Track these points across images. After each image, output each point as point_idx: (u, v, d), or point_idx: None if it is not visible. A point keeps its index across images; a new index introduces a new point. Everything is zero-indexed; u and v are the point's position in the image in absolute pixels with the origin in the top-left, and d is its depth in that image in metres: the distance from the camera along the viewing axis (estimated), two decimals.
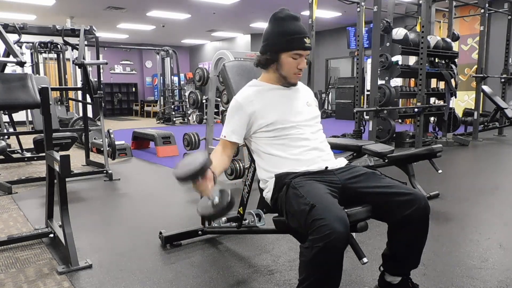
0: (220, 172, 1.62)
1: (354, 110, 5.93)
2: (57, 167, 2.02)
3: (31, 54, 7.29)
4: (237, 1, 8.63)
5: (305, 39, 1.60)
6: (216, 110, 7.05)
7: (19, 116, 6.53)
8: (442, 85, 6.67)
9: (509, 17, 7.23)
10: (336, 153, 1.77)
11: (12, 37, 3.74)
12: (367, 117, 5.72)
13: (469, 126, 7.10)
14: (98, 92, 4.55)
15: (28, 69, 6.62)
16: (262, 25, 11.61)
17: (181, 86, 11.28)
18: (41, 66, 7.60)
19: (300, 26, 1.62)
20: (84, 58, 4.36)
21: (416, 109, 5.64)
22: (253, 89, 1.71)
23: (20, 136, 5.31)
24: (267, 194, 1.66)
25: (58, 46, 7.02)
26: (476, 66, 7.47)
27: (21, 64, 3.36)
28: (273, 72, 1.68)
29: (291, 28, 1.60)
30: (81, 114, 6.24)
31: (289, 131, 1.63)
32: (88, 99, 4.75)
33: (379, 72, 5.47)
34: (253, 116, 1.65)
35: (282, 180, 1.56)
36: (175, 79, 11.19)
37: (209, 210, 1.36)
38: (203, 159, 1.36)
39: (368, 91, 6.54)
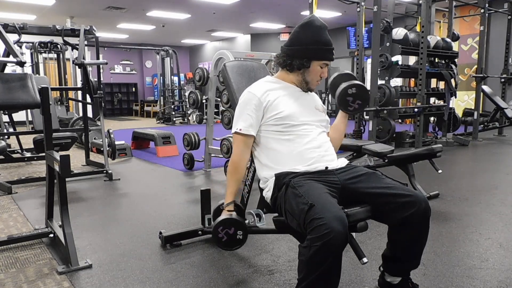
0: (240, 182, 1.74)
1: None
2: (57, 167, 2.01)
3: (31, 54, 7.29)
4: (237, 1, 8.63)
5: (333, 51, 1.68)
6: (216, 110, 7.06)
7: (19, 116, 6.53)
8: (442, 85, 6.67)
9: (509, 17, 7.23)
10: (336, 153, 1.77)
11: (12, 37, 3.74)
12: (367, 117, 5.72)
13: (469, 126, 7.10)
14: (98, 92, 4.55)
15: (28, 69, 6.63)
16: (262, 25, 11.60)
17: (181, 86, 11.28)
18: (41, 66, 7.61)
19: (329, 37, 1.68)
20: (84, 58, 4.36)
21: (416, 109, 5.65)
22: (269, 84, 1.74)
23: (20, 136, 5.31)
24: (267, 194, 1.66)
25: (58, 46, 7.02)
26: (476, 66, 7.48)
27: (21, 64, 3.36)
28: (297, 75, 1.72)
29: (325, 38, 1.66)
30: (81, 114, 6.24)
31: (298, 128, 1.65)
32: (88, 99, 4.75)
33: (379, 72, 5.47)
34: (266, 106, 1.67)
35: (282, 180, 1.56)
36: (175, 79, 11.19)
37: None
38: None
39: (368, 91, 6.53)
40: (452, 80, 6.17)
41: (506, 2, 7.33)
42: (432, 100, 6.78)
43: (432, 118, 6.81)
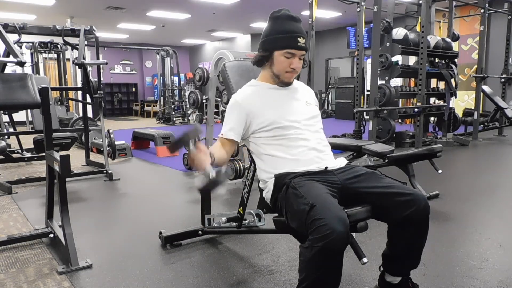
0: (219, 158, 1.55)
1: (354, 110, 5.94)
2: (57, 167, 2.02)
3: (31, 54, 7.29)
4: (237, 1, 8.63)
5: (298, 39, 1.60)
6: (216, 110, 7.06)
7: (19, 116, 6.52)
8: (442, 85, 6.67)
9: (509, 17, 7.23)
10: (336, 153, 1.77)
11: (12, 37, 3.74)
12: (367, 117, 5.72)
13: (469, 126, 7.10)
14: (98, 92, 4.55)
15: (28, 69, 6.62)
16: (262, 25, 11.60)
17: (181, 86, 11.28)
18: (41, 66, 7.61)
19: (296, 26, 1.62)
20: (84, 58, 4.36)
21: (416, 109, 5.65)
22: (251, 89, 1.72)
23: (20, 136, 5.31)
24: (267, 194, 1.66)
25: (58, 46, 7.03)
26: (476, 66, 7.47)
27: (21, 64, 3.36)
28: (267, 70, 1.70)
29: (285, 27, 1.61)
30: (81, 114, 6.24)
31: (288, 131, 1.63)
32: (88, 99, 4.75)
33: (379, 72, 5.47)
34: (250, 115, 1.65)
35: (282, 180, 1.56)
36: (175, 79, 11.19)
37: (204, 183, 1.35)
38: (191, 127, 1.40)
39: (368, 91, 6.54)
40: (452, 80, 6.16)
41: (506, 2, 7.32)
42: (432, 100, 6.78)
43: (432, 118, 6.81)
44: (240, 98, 1.69)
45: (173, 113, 10.90)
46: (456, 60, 6.48)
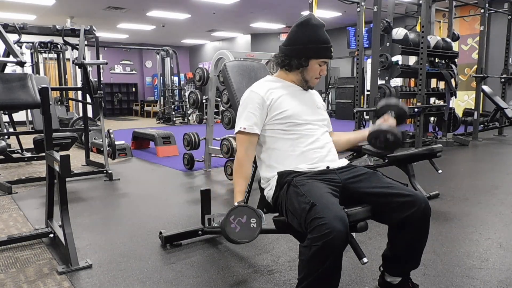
0: (249, 172, 1.73)
1: (354, 110, 5.94)
2: (57, 167, 2.02)
3: (31, 54, 7.30)
4: (237, 1, 8.63)
5: (332, 48, 1.68)
6: (216, 110, 7.06)
7: (19, 116, 6.53)
8: (442, 85, 6.67)
9: (509, 17, 7.23)
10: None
11: (12, 37, 3.74)
12: (367, 117, 5.72)
13: (469, 126, 7.10)
14: (98, 92, 4.55)
15: (28, 69, 6.63)
16: (262, 25, 11.60)
17: (181, 86, 11.28)
18: (41, 66, 7.62)
19: (327, 35, 1.67)
20: (84, 58, 4.36)
21: (416, 109, 5.64)
22: (270, 83, 1.74)
23: (20, 136, 5.32)
24: (269, 192, 1.66)
25: (58, 46, 7.03)
26: (476, 66, 7.47)
27: (21, 64, 3.36)
28: (296, 74, 1.73)
29: (323, 36, 1.65)
30: (81, 114, 6.24)
31: (302, 127, 1.66)
32: (88, 99, 4.75)
33: (379, 72, 5.47)
34: (269, 106, 1.67)
35: (284, 178, 1.57)
36: (175, 79, 11.20)
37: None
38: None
39: (368, 91, 6.54)
40: (452, 80, 6.16)
41: (506, 2, 7.32)
42: (432, 100, 6.77)
43: (432, 118, 6.80)
44: (261, 90, 1.69)
45: (173, 113, 10.90)
46: (456, 60, 6.47)
